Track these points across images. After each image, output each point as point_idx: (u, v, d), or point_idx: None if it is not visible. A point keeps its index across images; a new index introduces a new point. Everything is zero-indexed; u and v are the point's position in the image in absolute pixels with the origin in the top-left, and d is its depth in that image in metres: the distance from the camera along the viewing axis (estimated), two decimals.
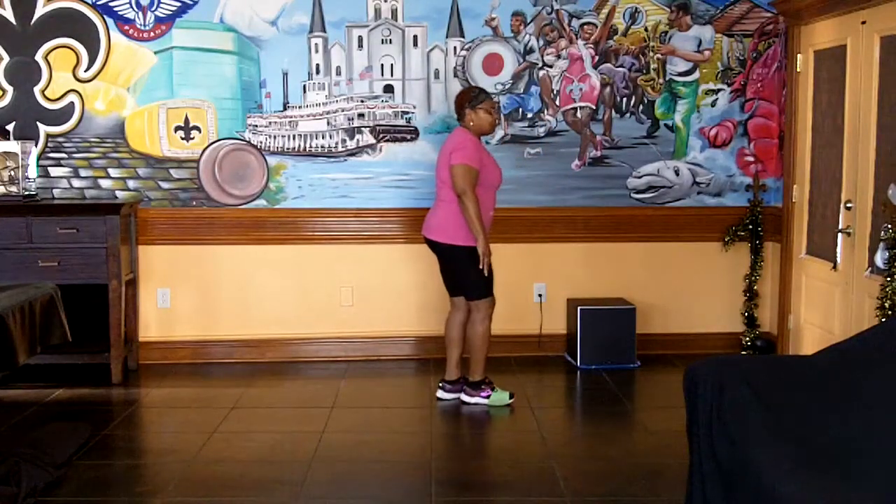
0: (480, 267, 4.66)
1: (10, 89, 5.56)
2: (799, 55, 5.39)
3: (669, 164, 5.81)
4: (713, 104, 5.78)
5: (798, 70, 5.40)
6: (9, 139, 5.45)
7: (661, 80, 5.76)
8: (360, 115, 5.69)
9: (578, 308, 5.56)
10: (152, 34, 5.58)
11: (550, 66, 5.73)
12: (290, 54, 5.63)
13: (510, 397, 4.91)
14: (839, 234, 4.87)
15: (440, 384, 5.02)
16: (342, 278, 5.78)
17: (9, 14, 5.52)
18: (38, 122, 5.59)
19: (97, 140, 5.62)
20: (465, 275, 4.78)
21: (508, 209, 5.72)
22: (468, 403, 4.89)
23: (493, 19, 5.67)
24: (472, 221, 4.62)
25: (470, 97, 4.79)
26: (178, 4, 5.56)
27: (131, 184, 5.67)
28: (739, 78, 5.77)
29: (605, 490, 3.75)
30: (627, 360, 5.58)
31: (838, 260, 4.88)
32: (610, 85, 5.75)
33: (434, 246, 4.86)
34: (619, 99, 5.76)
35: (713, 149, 5.81)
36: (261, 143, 5.68)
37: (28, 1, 5.50)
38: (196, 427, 4.56)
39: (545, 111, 5.75)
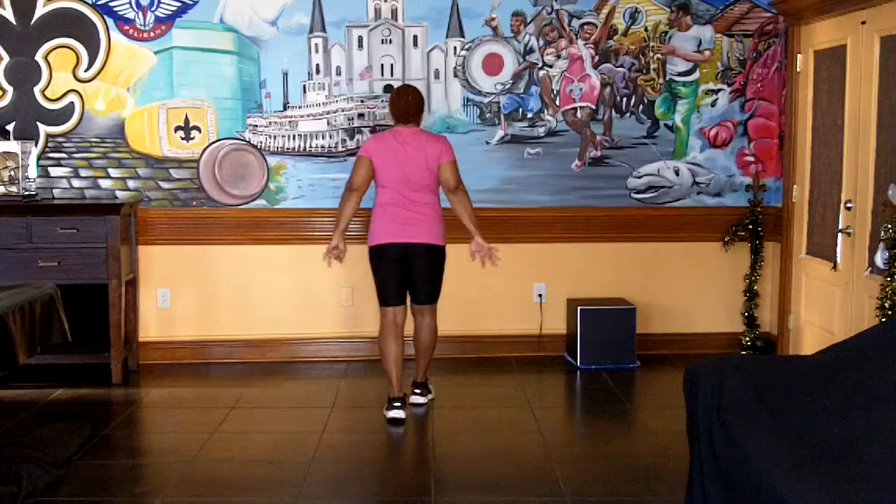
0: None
1: (10, 89, 5.56)
2: (799, 55, 5.39)
3: (669, 164, 5.81)
4: (713, 104, 5.77)
5: (798, 70, 5.40)
6: (9, 139, 5.45)
7: (661, 80, 5.76)
8: (360, 115, 5.69)
9: (578, 308, 5.56)
10: (152, 34, 5.58)
11: (550, 66, 5.73)
12: (290, 54, 5.63)
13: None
14: (839, 234, 4.87)
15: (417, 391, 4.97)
16: (342, 278, 5.78)
17: (9, 14, 5.52)
18: (38, 122, 5.59)
19: (97, 140, 5.62)
20: (440, 275, 4.80)
21: (508, 209, 5.72)
22: (423, 405, 4.90)
23: (493, 19, 5.67)
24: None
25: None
26: (178, 4, 5.56)
27: (131, 184, 5.67)
28: (739, 78, 5.77)
29: (605, 490, 3.76)
30: (627, 360, 5.58)
31: (838, 260, 4.88)
32: (610, 85, 5.75)
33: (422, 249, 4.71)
34: (619, 99, 5.76)
35: (713, 149, 5.80)
36: (261, 143, 5.68)
37: (28, 1, 5.50)
38: (196, 427, 4.56)
39: (545, 111, 5.75)
